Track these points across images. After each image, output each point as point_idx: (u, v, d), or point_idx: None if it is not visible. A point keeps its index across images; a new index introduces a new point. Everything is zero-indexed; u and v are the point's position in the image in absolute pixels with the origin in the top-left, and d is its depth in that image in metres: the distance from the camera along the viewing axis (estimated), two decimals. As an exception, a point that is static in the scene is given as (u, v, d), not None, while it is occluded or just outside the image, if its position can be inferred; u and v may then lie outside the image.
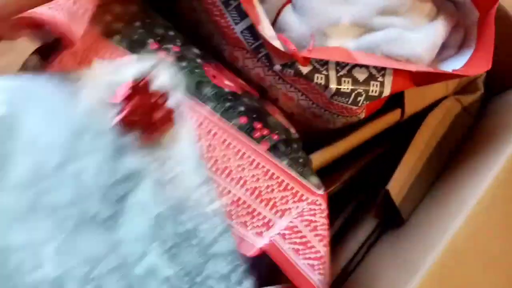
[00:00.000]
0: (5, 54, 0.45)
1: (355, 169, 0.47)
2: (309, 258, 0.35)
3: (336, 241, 0.46)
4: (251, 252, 0.34)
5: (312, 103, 0.43)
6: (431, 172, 0.45)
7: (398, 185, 0.43)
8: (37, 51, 0.37)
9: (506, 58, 0.45)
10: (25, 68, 0.38)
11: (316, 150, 0.44)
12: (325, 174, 0.43)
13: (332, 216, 0.43)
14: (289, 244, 0.35)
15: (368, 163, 0.47)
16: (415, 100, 0.45)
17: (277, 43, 0.38)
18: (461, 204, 0.37)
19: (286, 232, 0.35)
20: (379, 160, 0.48)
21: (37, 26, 0.34)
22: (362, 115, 0.44)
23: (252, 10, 0.38)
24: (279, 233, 0.35)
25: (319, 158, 0.43)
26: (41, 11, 0.33)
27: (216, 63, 0.43)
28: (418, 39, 0.40)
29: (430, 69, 0.39)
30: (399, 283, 0.36)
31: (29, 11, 0.32)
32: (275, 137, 0.39)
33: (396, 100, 0.46)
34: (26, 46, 0.38)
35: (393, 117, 0.45)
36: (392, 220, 0.45)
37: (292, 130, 0.43)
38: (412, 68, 0.38)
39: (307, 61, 0.38)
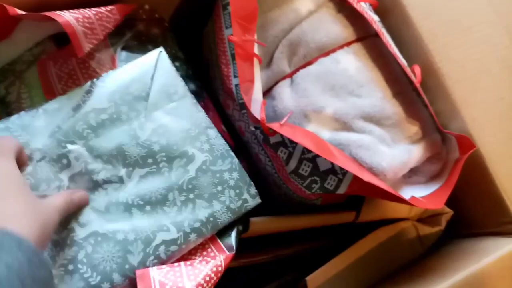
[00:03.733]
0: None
1: (293, 249, 0.47)
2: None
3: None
4: None
5: (274, 172, 0.45)
6: (359, 282, 0.44)
7: (318, 281, 0.43)
8: (52, 37, 0.42)
9: (472, 206, 0.45)
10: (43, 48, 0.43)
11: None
12: (265, 242, 0.45)
13: (253, 285, 0.44)
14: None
15: (307, 249, 0.48)
16: (373, 210, 0.46)
17: (255, 107, 0.40)
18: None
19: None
20: (319, 250, 0.48)
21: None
22: (318, 202, 0.45)
23: (249, 70, 0.42)
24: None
25: (260, 223, 0.44)
26: (63, 14, 0.37)
27: (207, 103, 0.47)
28: (389, 154, 0.41)
29: (383, 185, 0.39)
30: None
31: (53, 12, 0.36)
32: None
33: (357, 202, 0.47)
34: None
35: (346, 216, 0.46)
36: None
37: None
38: (367, 178, 0.38)
39: (273, 132, 0.40)
